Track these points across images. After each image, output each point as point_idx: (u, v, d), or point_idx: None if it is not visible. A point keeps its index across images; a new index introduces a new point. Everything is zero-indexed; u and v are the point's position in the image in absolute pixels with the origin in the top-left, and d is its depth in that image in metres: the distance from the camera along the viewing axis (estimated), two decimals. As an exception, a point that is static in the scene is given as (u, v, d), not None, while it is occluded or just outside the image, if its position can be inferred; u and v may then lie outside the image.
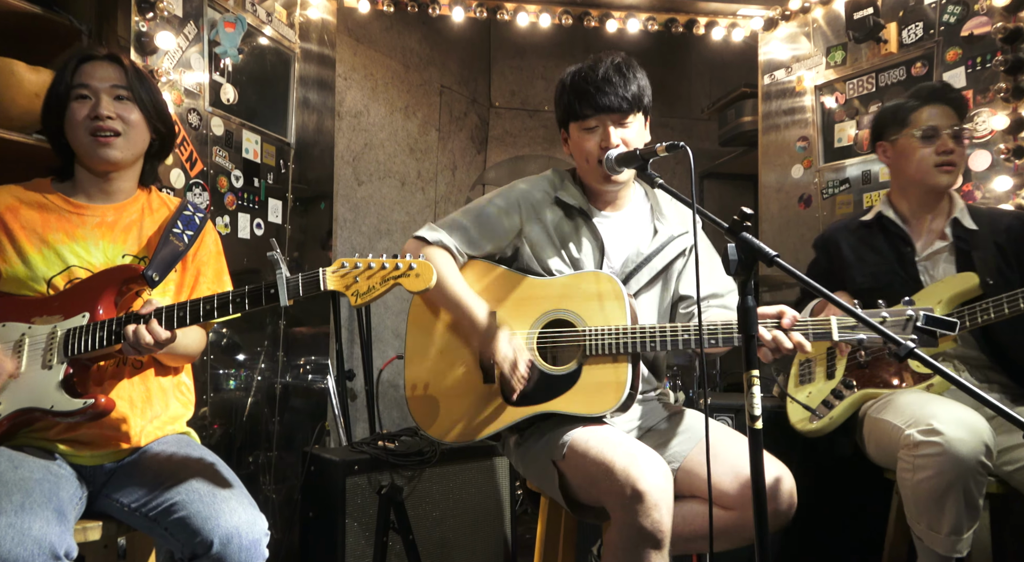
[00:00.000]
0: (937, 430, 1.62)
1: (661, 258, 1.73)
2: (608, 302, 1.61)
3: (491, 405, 1.68)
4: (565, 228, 1.72)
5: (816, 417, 2.03)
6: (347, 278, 1.31)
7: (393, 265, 1.31)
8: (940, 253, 1.98)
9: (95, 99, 1.50)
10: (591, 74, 1.64)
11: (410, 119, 4.03)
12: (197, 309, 1.39)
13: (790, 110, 3.35)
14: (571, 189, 1.75)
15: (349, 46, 3.61)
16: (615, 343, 1.57)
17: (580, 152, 1.70)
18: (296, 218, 2.86)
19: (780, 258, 1.20)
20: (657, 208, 1.79)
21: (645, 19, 3.37)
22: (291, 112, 2.85)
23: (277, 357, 2.76)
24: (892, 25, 2.82)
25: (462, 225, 1.73)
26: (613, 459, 1.44)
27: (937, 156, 1.95)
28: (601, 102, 1.62)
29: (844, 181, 3.08)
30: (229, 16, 2.44)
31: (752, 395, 1.17)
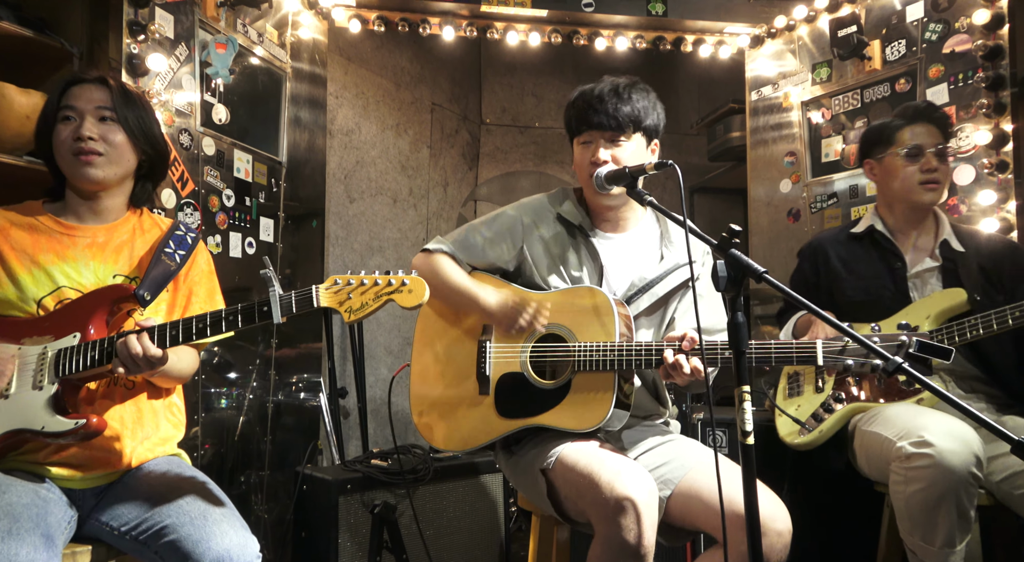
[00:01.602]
0: (928, 442, 1.64)
1: (664, 285, 1.74)
2: (600, 317, 1.64)
3: (484, 416, 1.71)
4: (564, 245, 1.76)
5: (806, 430, 2.03)
6: (340, 295, 1.32)
7: (386, 281, 1.32)
8: (930, 272, 2.00)
9: (79, 120, 1.51)
10: (590, 93, 1.71)
11: (401, 136, 4.05)
12: (190, 327, 1.39)
13: (777, 125, 3.39)
14: (572, 207, 1.79)
15: (340, 65, 3.64)
16: (602, 360, 1.59)
17: (577, 166, 1.76)
18: (288, 236, 2.86)
19: (769, 274, 1.21)
20: (667, 234, 1.81)
21: (633, 37, 3.41)
22: (283, 131, 2.86)
23: (269, 375, 2.75)
24: (876, 42, 2.87)
25: (466, 237, 1.79)
26: (600, 472, 1.45)
27: (922, 174, 2.00)
28: (591, 120, 1.69)
29: (832, 195, 3.11)
30: (220, 37, 2.46)
31: (743, 411, 1.18)
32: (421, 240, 4.14)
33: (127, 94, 1.56)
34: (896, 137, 2.04)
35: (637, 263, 1.76)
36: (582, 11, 3.26)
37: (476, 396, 1.72)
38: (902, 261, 2.02)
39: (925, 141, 1.99)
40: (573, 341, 1.64)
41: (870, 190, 2.94)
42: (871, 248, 2.08)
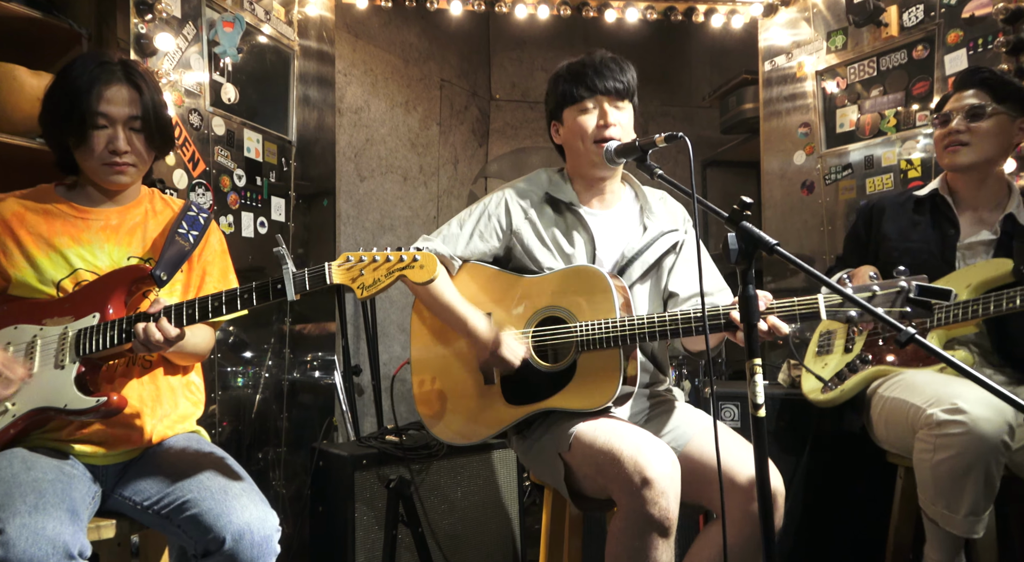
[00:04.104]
0: (962, 409, 1.61)
1: (652, 252, 1.76)
2: (597, 295, 1.63)
3: (493, 406, 1.72)
4: (556, 224, 1.76)
5: (828, 388, 2.03)
6: (352, 271, 1.33)
7: (397, 257, 1.33)
8: (984, 245, 1.94)
9: (113, 130, 1.52)
10: (587, 59, 1.71)
11: (411, 114, 4.03)
12: (205, 306, 1.41)
13: (791, 96, 3.34)
14: (561, 186, 1.79)
15: (348, 42, 3.62)
16: (605, 337, 1.59)
17: (576, 134, 1.72)
18: (299, 216, 2.87)
19: (780, 246, 1.21)
20: (647, 207, 1.82)
21: (644, 8, 3.36)
22: (292, 110, 2.86)
23: (284, 354, 2.78)
24: (892, 8, 2.81)
25: (454, 234, 1.78)
26: (621, 447, 1.46)
27: (944, 137, 1.95)
28: (599, 84, 1.68)
29: (847, 167, 3.07)
30: (227, 15, 2.45)
31: (755, 384, 1.18)
32: (432, 218, 4.14)
33: (155, 97, 1.56)
34: (942, 106, 2.00)
35: (624, 235, 1.78)
36: (591, -18, 3.22)
37: (482, 386, 1.73)
38: (956, 229, 1.96)
39: (955, 105, 1.94)
40: (574, 322, 1.64)
41: (885, 160, 2.90)
42: (928, 212, 2.02)
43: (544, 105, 1.83)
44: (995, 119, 1.89)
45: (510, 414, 1.69)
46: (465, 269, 1.79)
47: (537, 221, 1.76)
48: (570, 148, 1.78)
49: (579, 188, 1.80)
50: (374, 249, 1.35)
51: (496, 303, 1.75)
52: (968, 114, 1.91)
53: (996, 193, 1.97)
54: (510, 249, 1.78)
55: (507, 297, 1.73)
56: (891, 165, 2.87)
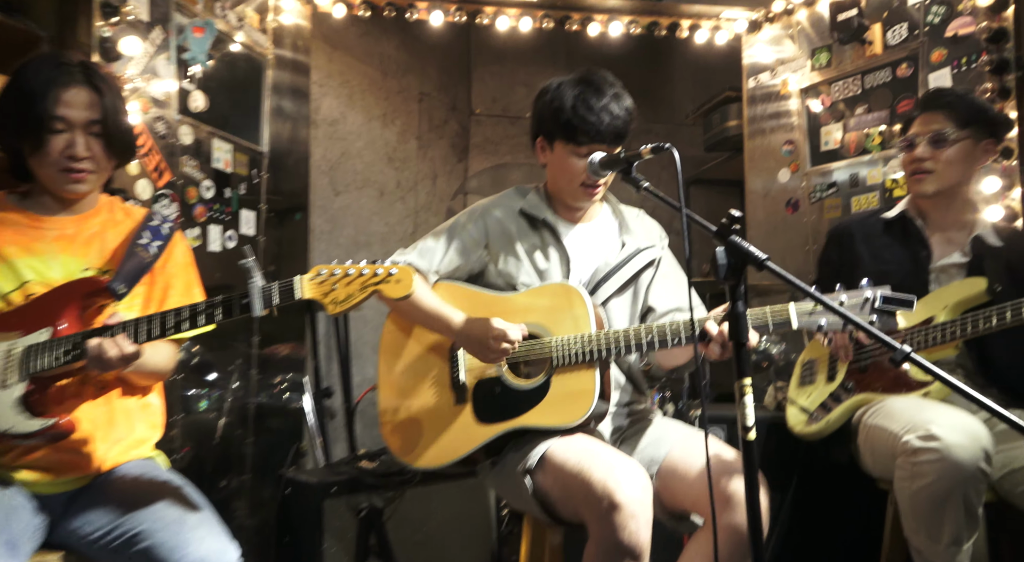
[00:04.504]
0: (935, 435, 1.62)
1: (629, 268, 1.78)
2: (573, 311, 1.66)
3: (463, 426, 1.70)
4: (531, 241, 1.78)
5: (813, 419, 2.04)
6: (324, 286, 1.30)
7: (372, 271, 1.30)
8: (956, 268, 1.97)
9: (71, 135, 1.47)
10: (594, 100, 1.65)
11: (388, 127, 4.03)
12: (166, 321, 1.36)
13: (775, 114, 3.38)
14: (537, 202, 1.81)
15: (324, 52, 3.61)
16: (581, 351, 1.61)
17: (565, 172, 1.73)
18: (270, 230, 2.83)
19: (771, 262, 1.20)
20: (624, 225, 1.85)
21: (627, 22, 3.39)
22: (264, 120, 2.84)
23: (250, 375, 2.72)
24: (876, 26, 2.85)
25: (430, 248, 1.78)
26: (591, 470, 1.45)
27: (909, 164, 1.99)
28: (600, 134, 1.66)
29: (832, 185, 3.10)
30: (198, 21, 2.42)
31: (744, 405, 1.16)
32: (409, 235, 4.11)
33: (112, 96, 1.51)
34: (908, 128, 2.04)
35: (600, 250, 1.80)
36: (574, -5, 3.24)
37: (452, 406, 1.72)
38: (927, 250, 1.99)
39: (921, 130, 1.98)
40: (549, 337, 1.64)
41: (871, 179, 2.93)
42: (899, 234, 2.05)
43: (532, 118, 1.81)
44: (959, 145, 1.93)
45: (481, 433, 1.68)
46: (439, 288, 1.79)
47: (513, 237, 1.78)
48: (554, 176, 1.81)
49: (557, 205, 1.83)
50: (348, 262, 1.33)
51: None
52: (932, 141, 1.94)
53: (963, 214, 2.01)
54: (485, 265, 1.80)
55: (481, 314, 1.71)
56: (876, 184, 2.90)
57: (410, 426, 1.75)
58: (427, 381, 1.76)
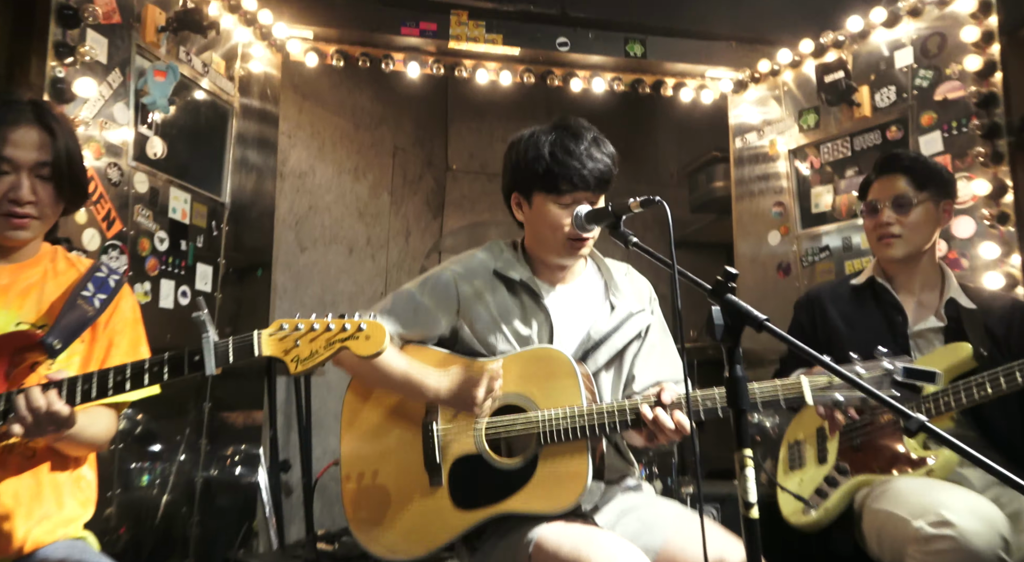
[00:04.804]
0: (949, 521, 1.57)
1: (620, 336, 1.71)
2: (560, 381, 1.58)
3: (439, 512, 1.61)
4: (507, 303, 1.70)
5: (810, 508, 1.98)
6: (286, 342, 1.26)
7: (339, 326, 1.26)
8: (934, 333, 1.99)
9: (16, 177, 1.43)
10: (573, 145, 1.63)
11: (360, 181, 4.04)
12: (106, 380, 1.29)
13: (764, 175, 3.45)
14: (513, 262, 1.73)
15: (294, 102, 3.64)
16: (571, 428, 1.53)
17: (548, 225, 1.66)
18: (229, 286, 2.79)
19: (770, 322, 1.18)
20: (612, 284, 1.78)
21: (611, 79, 3.48)
22: (227, 170, 2.83)
23: (199, 447, 2.63)
24: (864, 88, 2.96)
25: (395, 310, 1.71)
26: (589, 557, 1.36)
27: (876, 230, 2.04)
28: (584, 180, 1.62)
29: (824, 248, 3.14)
30: (160, 65, 2.43)
31: (745, 478, 1.12)
32: (379, 294, 4.07)
33: (65, 137, 1.47)
34: (866, 193, 2.09)
35: (587, 316, 1.73)
36: (557, 50, 3.33)
37: (427, 488, 1.62)
38: (903, 316, 2.01)
39: (882, 194, 2.03)
40: (534, 410, 1.58)
41: (864, 243, 2.98)
42: (871, 301, 2.08)
43: (504, 173, 1.76)
44: (921, 207, 1.99)
45: (460, 521, 1.58)
46: (408, 351, 1.70)
47: (489, 301, 1.70)
48: (535, 231, 1.72)
49: (538, 264, 1.76)
50: (313, 315, 1.29)
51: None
52: (895, 205, 2.00)
53: (931, 276, 2.06)
54: (457, 331, 1.72)
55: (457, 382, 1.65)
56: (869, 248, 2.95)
57: (378, 511, 1.65)
58: (397, 460, 1.67)
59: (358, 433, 1.72)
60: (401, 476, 1.65)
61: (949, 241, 2.63)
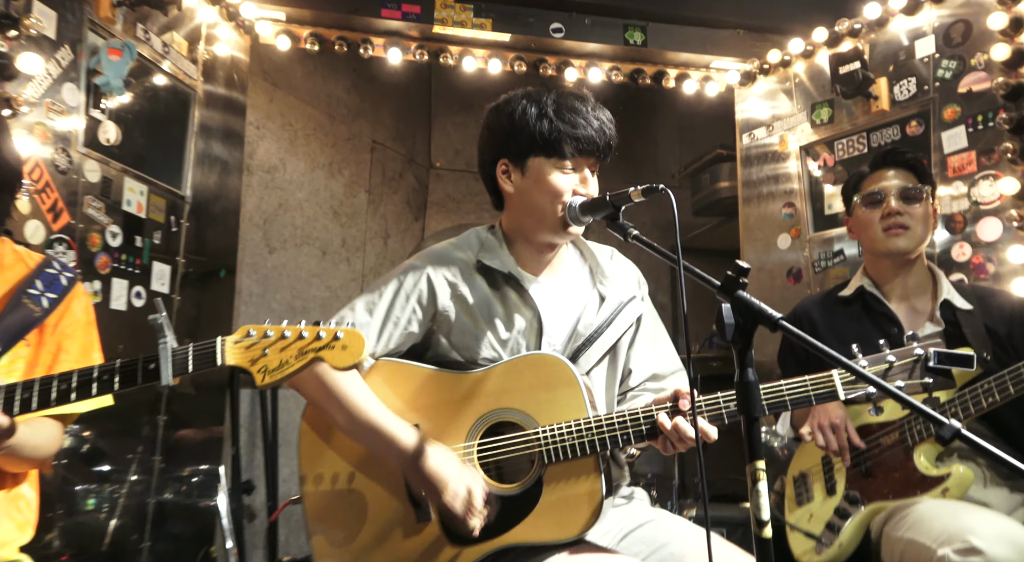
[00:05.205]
0: (977, 548, 1.56)
1: (613, 329, 1.67)
2: (560, 391, 1.52)
3: (430, 550, 1.53)
4: (488, 300, 1.64)
5: (822, 545, 1.97)
6: (253, 350, 1.24)
7: (313, 334, 1.23)
8: (931, 338, 1.97)
9: None
10: (579, 104, 1.60)
11: (335, 177, 4.02)
12: (49, 388, 1.27)
13: (773, 175, 3.45)
14: (496, 250, 1.67)
15: (264, 90, 3.62)
16: (579, 443, 1.48)
17: (548, 192, 1.60)
18: (188, 289, 2.75)
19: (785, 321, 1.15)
20: (598, 270, 1.74)
21: (608, 69, 3.48)
22: (188, 161, 2.80)
23: (153, 466, 2.59)
24: (882, 80, 2.97)
25: (362, 320, 1.62)
26: None
27: (882, 219, 2.04)
28: (592, 142, 1.58)
29: (838, 253, 3.13)
30: (115, 42, 2.40)
31: (758, 493, 1.09)
32: (354, 301, 4.06)
33: None
34: (860, 187, 2.12)
35: (575, 308, 1.68)
36: (550, 37, 3.32)
37: (413, 525, 1.54)
38: (898, 326, 2.02)
39: (886, 185, 2.06)
40: (533, 426, 1.52)
41: (881, 247, 2.98)
42: (862, 313, 2.10)
43: (485, 139, 1.69)
44: (924, 202, 2.04)
45: (457, 558, 1.51)
46: (377, 370, 1.61)
47: (469, 300, 1.63)
48: (526, 203, 1.64)
49: (520, 251, 1.69)
50: (284, 322, 1.27)
51: (422, 412, 1.58)
52: (903, 195, 2.03)
53: (923, 279, 2.09)
54: (431, 336, 1.65)
55: (438, 402, 1.58)
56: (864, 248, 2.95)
57: (354, 552, 1.57)
58: (373, 494, 1.58)
59: (322, 463, 1.62)
60: (380, 511, 1.57)
61: (974, 245, 2.63)
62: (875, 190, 2.06)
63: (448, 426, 1.56)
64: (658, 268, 5.12)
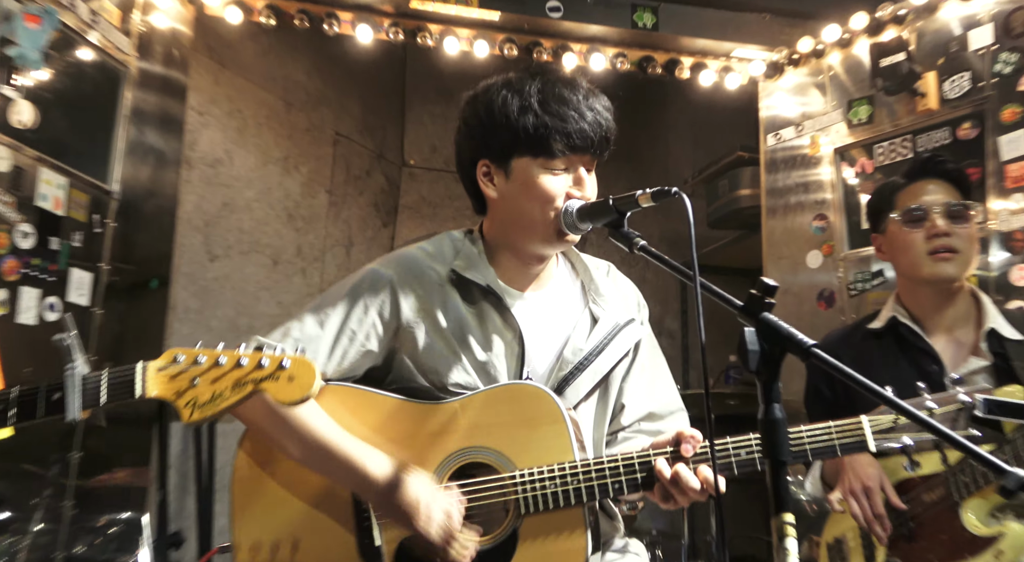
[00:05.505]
0: None
1: (606, 357, 1.67)
2: (543, 428, 1.53)
3: None
4: (465, 318, 1.63)
5: None
6: (180, 380, 1.22)
7: (254, 362, 1.21)
8: (977, 374, 1.99)
9: None
10: (568, 93, 1.57)
11: (290, 174, 4.01)
12: (-74, 420, 1.24)
13: (802, 182, 3.46)
14: (475, 259, 1.67)
15: (209, 70, 3.61)
16: (562, 491, 1.49)
17: (537, 198, 1.59)
18: (113, 301, 2.73)
19: (818, 350, 1.13)
20: (591, 286, 1.74)
21: (613, 55, 3.49)
22: (117, 150, 2.79)
23: (62, 512, 2.56)
24: (931, 75, 2.99)
25: (311, 334, 1.60)
26: None
27: (927, 241, 2.03)
28: (585, 137, 1.56)
29: (877, 274, 3.14)
30: (33, 7, 2.38)
31: (786, 552, 1.07)
32: (309, 320, 4.05)
33: None
34: (895, 200, 2.10)
35: (564, 330, 1.68)
36: (547, 16, 3.33)
37: None
38: (938, 363, 2.02)
39: (929, 200, 2.05)
40: (509, 470, 1.52)
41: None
42: (895, 348, 2.10)
43: (462, 136, 1.68)
44: (973, 221, 2.03)
45: None
46: (327, 395, 1.59)
47: (438, 313, 1.63)
48: (513, 210, 1.64)
49: (502, 262, 1.69)
50: (220, 346, 1.25)
51: (380, 448, 1.57)
52: (949, 214, 2.02)
53: (967, 307, 2.08)
54: (392, 357, 1.65)
55: (398, 437, 1.57)
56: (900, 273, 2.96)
57: None
58: (318, 543, 1.56)
59: (257, 508, 1.60)
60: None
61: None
62: (916, 206, 2.05)
63: (411, 464, 1.55)
64: (666, 288, 5.14)
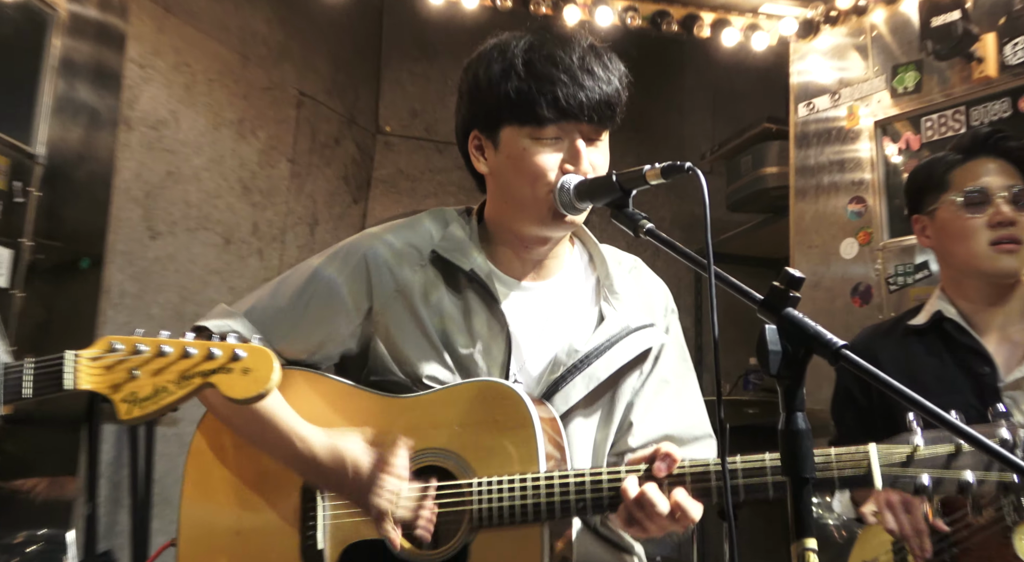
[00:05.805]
0: None
1: (606, 362, 1.67)
2: (509, 434, 1.56)
3: None
4: (446, 305, 1.67)
5: None
6: (117, 371, 1.25)
7: (204, 352, 1.24)
8: None
9: None
10: (561, 54, 1.58)
11: (246, 140, 4.01)
12: None
13: (838, 159, 3.47)
14: (463, 242, 1.70)
15: (152, 16, 3.58)
16: (519, 505, 1.51)
17: (525, 173, 1.61)
18: (37, 283, 2.75)
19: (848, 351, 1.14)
20: (607, 282, 1.75)
21: (623, 9, 3.49)
22: (42, 107, 2.79)
23: None
24: (989, 37, 2.99)
25: (271, 310, 1.67)
26: None
27: (990, 229, 2.03)
28: (575, 102, 1.56)
29: (921, 266, 3.15)
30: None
31: (807, 585, 1.09)
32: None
33: None
34: (949, 179, 2.10)
35: (564, 327, 1.71)
36: (545, -38, 3.33)
37: None
38: (990, 364, 2.03)
39: (992, 182, 2.05)
40: (468, 477, 1.56)
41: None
42: (941, 347, 2.11)
43: (459, 106, 1.73)
44: None
45: None
46: (288, 383, 1.63)
47: (417, 298, 1.66)
48: (504, 187, 1.67)
49: (500, 245, 1.73)
50: (162, 334, 1.28)
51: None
52: (1014, 199, 2.03)
53: (1017, 302, 2.10)
54: (368, 345, 1.68)
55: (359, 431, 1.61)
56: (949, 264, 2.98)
57: None
58: (260, 542, 1.63)
59: (208, 496, 1.68)
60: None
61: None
62: (977, 187, 2.05)
63: None
64: (677, 279, 5.14)
